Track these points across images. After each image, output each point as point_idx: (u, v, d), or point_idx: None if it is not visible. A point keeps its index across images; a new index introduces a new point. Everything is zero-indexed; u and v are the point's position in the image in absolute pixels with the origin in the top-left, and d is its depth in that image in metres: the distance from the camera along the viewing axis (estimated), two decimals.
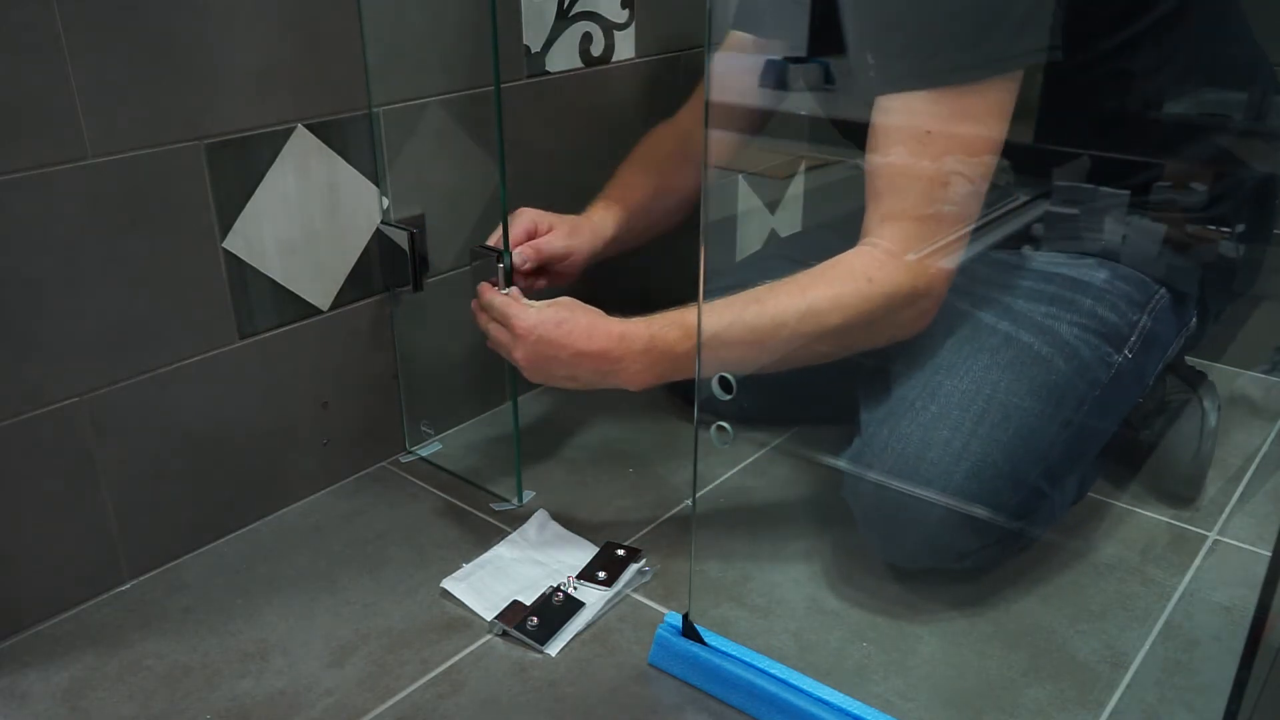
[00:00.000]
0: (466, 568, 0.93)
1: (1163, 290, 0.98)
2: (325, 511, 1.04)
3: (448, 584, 0.91)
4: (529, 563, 0.94)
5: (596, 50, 1.20)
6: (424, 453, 1.13)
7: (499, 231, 0.96)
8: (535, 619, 0.85)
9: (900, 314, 0.87)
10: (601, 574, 0.91)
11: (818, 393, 1.12)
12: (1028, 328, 0.91)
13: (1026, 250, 1.02)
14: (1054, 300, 0.94)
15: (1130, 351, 0.93)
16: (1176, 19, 0.91)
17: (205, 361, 0.93)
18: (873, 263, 0.85)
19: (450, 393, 1.17)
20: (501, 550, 0.96)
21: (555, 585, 0.90)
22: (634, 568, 0.92)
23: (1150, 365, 0.98)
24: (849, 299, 0.85)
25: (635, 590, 0.92)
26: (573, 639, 0.85)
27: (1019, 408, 0.87)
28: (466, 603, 0.89)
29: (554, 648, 0.84)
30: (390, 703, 0.79)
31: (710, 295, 0.82)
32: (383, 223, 1.04)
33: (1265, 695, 0.62)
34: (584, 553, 0.95)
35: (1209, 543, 0.98)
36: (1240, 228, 0.99)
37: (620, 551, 0.94)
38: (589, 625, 0.87)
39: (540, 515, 1.00)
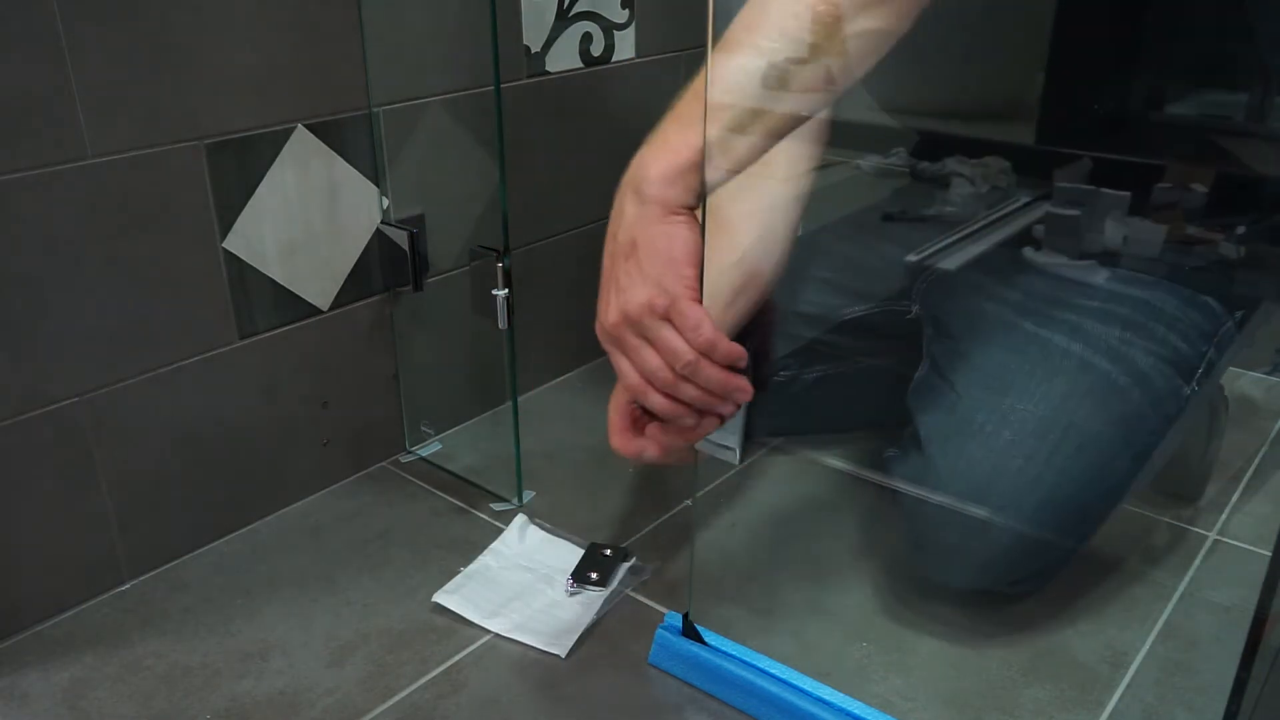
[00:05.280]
0: (456, 580, 0.92)
1: (1230, 322, 0.94)
2: (325, 511, 1.04)
3: (440, 598, 0.90)
4: (516, 569, 0.94)
5: (596, 50, 1.20)
6: (424, 453, 1.13)
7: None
8: (594, 573, 0.91)
9: None
10: (593, 574, 0.91)
11: (849, 410, 1.10)
12: (1103, 353, 0.87)
13: (1027, 251, 1.02)
14: (1127, 325, 0.89)
15: (1197, 384, 0.89)
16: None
17: (205, 361, 0.93)
18: None
19: (450, 393, 1.17)
20: (487, 560, 0.95)
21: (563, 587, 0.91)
22: (624, 566, 0.92)
23: (1204, 398, 0.93)
24: None
25: (635, 590, 0.91)
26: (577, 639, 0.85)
27: (1095, 438, 0.83)
28: (463, 614, 0.88)
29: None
30: (390, 703, 0.79)
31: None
32: (383, 223, 1.04)
33: (1265, 695, 0.62)
34: (569, 555, 0.94)
35: (1209, 543, 0.98)
36: (1241, 229, 0.99)
37: (607, 552, 0.94)
38: (592, 625, 0.87)
39: (519, 521, 0.99)
